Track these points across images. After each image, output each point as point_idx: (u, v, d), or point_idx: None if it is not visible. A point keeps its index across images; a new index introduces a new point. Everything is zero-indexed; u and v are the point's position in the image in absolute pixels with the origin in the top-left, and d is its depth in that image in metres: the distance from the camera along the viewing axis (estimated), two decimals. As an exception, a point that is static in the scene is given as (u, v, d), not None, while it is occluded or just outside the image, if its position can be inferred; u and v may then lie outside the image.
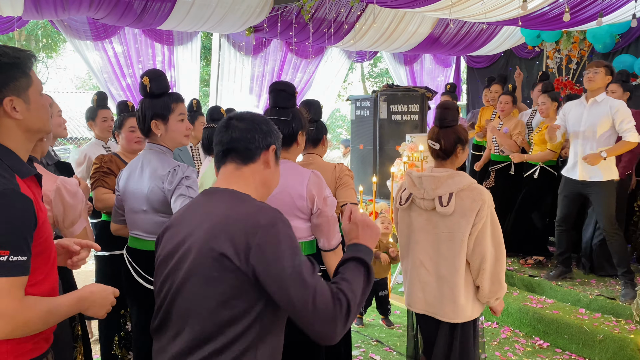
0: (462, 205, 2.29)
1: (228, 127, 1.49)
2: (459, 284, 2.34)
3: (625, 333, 3.70)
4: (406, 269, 2.54)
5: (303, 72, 7.64)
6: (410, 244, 2.51)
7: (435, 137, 2.43)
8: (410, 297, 2.50)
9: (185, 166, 2.23)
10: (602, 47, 6.75)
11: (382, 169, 6.48)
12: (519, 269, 4.90)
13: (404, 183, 2.54)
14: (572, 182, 4.20)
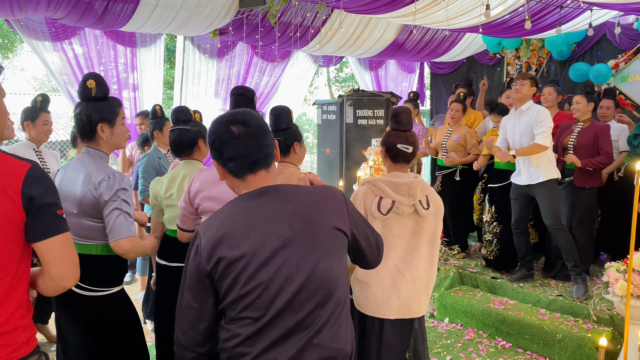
0: (437, 205, 2.52)
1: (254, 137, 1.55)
2: (433, 278, 2.58)
3: (583, 332, 3.82)
4: (379, 279, 2.48)
5: (269, 76, 7.60)
6: (384, 252, 2.49)
7: (406, 141, 2.49)
8: (384, 306, 2.47)
9: (120, 176, 2.19)
10: (559, 55, 6.97)
11: (349, 173, 6.51)
12: (481, 271, 4.99)
13: (375, 192, 2.47)
14: (519, 187, 4.45)
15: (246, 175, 1.55)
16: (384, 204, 2.43)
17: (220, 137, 1.53)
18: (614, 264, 3.50)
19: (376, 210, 2.43)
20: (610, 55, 6.53)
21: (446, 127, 5.45)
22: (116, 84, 6.15)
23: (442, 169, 5.43)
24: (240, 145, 1.51)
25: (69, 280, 1.52)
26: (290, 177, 2.63)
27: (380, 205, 2.43)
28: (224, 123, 1.54)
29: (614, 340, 3.74)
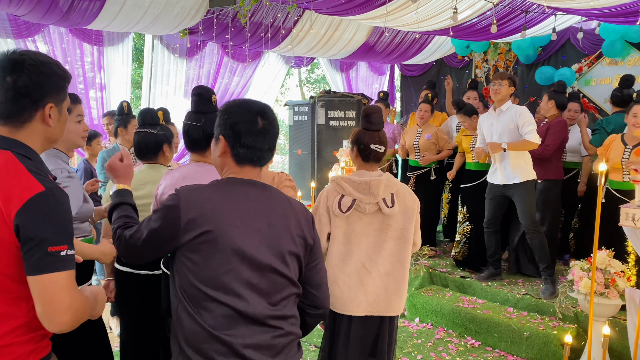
0: (405, 204, 2.53)
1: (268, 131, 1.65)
2: (405, 278, 2.58)
3: (549, 329, 3.91)
4: (345, 276, 2.51)
5: (240, 76, 7.54)
6: (349, 250, 2.51)
7: (379, 141, 2.54)
8: (352, 303, 2.49)
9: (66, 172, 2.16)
10: (525, 59, 7.13)
11: (320, 174, 6.51)
12: (451, 270, 5.06)
13: (338, 190, 2.50)
14: (495, 187, 4.47)
15: (246, 165, 1.64)
16: (344, 202, 2.47)
17: (245, 124, 1.60)
18: (578, 262, 3.60)
19: (337, 207, 2.47)
20: (574, 60, 6.71)
21: (415, 127, 5.50)
22: (82, 84, 6.00)
23: (415, 169, 5.47)
24: (260, 138, 1.61)
25: (56, 324, 1.33)
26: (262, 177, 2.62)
27: (340, 203, 2.47)
28: (252, 113, 1.62)
29: (579, 337, 3.84)
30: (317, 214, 2.54)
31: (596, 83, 6.50)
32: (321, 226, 2.51)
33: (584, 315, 3.89)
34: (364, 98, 6.87)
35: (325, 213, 2.51)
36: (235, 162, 1.64)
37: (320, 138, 6.70)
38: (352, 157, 2.61)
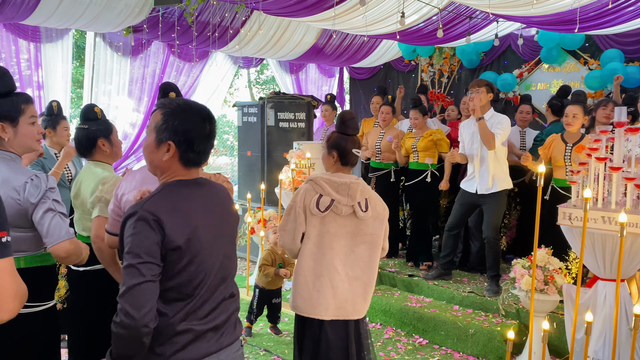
0: (376, 210, 2.56)
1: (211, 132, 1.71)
2: (372, 281, 2.60)
3: (493, 326, 4.03)
4: (315, 277, 2.49)
5: (187, 76, 7.39)
6: (322, 251, 2.50)
7: (358, 145, 2.59)
8: (320, 305, 2.48)
9: (44, 176, 1.98)
10: (469, 63, 7.36)
11: (270, 176, 6.46)
12: (399, 270, 5.14)
13: (316, 189, 2.48)
14: (468, 194, 4.47)
15: (193, 168, 1.69)
16: (322, 201, 2.46)
17: (196, 131, 1.64)
18: (519, 260, 3.73)
19: (314, 207, 2.46)
20: (515, 65, 6.99)
21: (378, 129, 5.58)
22: (18, 82, 5.70)
23: (376, 170, 5.54)
24: (208, 143, 1.69)
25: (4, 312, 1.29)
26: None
27: (319, 203, 2.46)
28: (201, 119, 1.66)
29: (520, 332, 3.98)
30: (291, 212, 2.51)
31: (536, 88, 6.79)
32: (296, 225, 2.49)
33: (525, 312, 4.04)
34: (313, 100, 6.88)
35: (301, 212, 2.49)
36: (183, 165, 1.67)
37: (270, 139, 6.65)
38: (330, 161, 2.58)
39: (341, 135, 2.56)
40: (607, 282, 3.14)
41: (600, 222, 2.99)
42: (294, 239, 2.50)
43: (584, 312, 2.91)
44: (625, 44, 5.86)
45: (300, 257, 2.54)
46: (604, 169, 3.14)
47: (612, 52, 5.91)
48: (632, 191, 3.02)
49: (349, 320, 2.55)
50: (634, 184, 2.98)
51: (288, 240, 2.52)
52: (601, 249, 3.08)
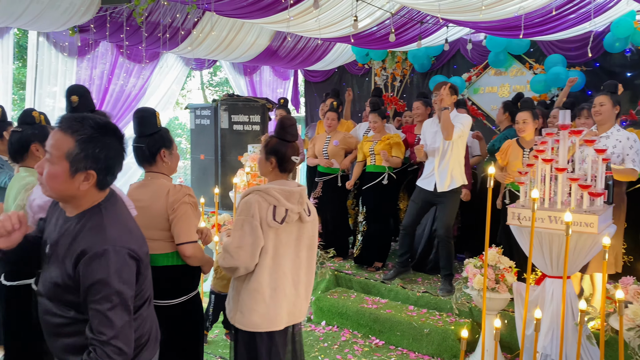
0: (314, 212, 2.57)
1: None
2: (311, 282, 2.60)
3: (447, 325, 4.11)
4: (271, 291, 2.40)
5: (137, 78, 7.19)
6: (277, 263, 2.42)
7: (298, 152, 2.54)
8: (277, 317, 2.42)
9: None
10: (420, 67, 7.50)
11: (225, 180, 6.37)
12: (356, 272, 5.17)
13: (269, 201, 2.36)
14: (425, 192, 4.53)
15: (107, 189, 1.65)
16: (278, 212, 2.37)
17: (117, 157, 1.59)
18: (471, 260, 3.81)
19: (272, 219, 2.35)
20: (464, 69, 7.18)
21: (324, 135, 5.60)
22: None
23: (323, 175, 5.56)
24: (122, 161, 1.63)
25: None
26: (159, 189, 2.42)
27: (275, 214, 2.36)
28: (118, 140, 1.59)
29: (473, 331, 4.07)
30: (245, 227, 2.34)
31: (484, 91, 6.99)
32: (255, 239, 2.33)
33: (477, 310, 4.14)
34: (268, 102, 6.83)
35: (259, 225, 2.34)
36: (99, 190, 1.62)
37: (224, 142, 6.56)
38: (268, 168, 2.49)
39: (281, 141, 2.48)
40: (554, 279, 3.25)
41: (547, 221, 3.10)
42: (253, 254, 2.33)
43: (533, 309, 3.00)
44: (567, 49, 6.12)
45: (258, 273, 2.39)
46: (550, 170, 3.25)
47: (555, 57, 6.15)
48: (577, 191, 3.15)
49: (295, 324, 2.55)
50: (578, 184, 3.10)
51: (246, 257, 2.32)
52: (548, 248, 3.19)
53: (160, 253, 2.43)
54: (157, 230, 2.42)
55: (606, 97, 3.86)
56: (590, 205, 3.12)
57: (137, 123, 2.47)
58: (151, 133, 2.46)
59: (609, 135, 3.85)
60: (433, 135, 4.50)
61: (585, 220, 2.99)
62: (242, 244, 2.32)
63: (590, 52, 5.46)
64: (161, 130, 2.50)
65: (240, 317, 2.41)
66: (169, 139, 2.52)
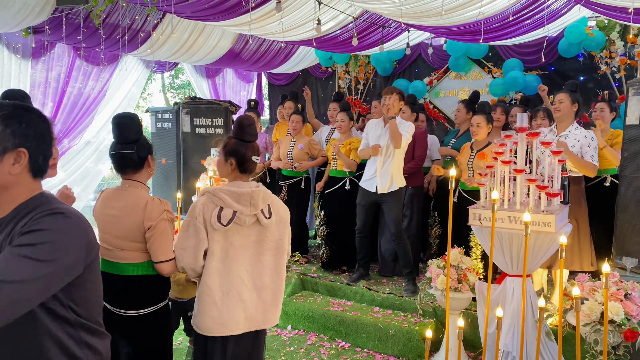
0: (279, 215, 2.51)
1: None
2: (281, 288, 2.55)
3: (411, 326, 4.15)
4: (223, 294, 2.37)
5: (95, 81, 7.00)
6: (228, 265, 2.38)
7: (257, 152, 2.50)
8: (231, 321, 2.38)
9: None
10: (383, 71, 7.58)
11: (187, 184, 6.26)
12: (321, 275, 5.17)
13: (216, 202, 2.34)
14: (369, 193, 4.63)
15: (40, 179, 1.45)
16: (224, 214, 2.32)
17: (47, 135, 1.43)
18: (434, 260, 3.87)
19: (216, 221, 2.31)
20: (426, 73, 7.29)
21: (289, 138, 5.61)
22: None
23: (287, 178, 5.57)
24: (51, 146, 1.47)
25: None
26: (136, 200, 2.41)
27: (220, 216, 2.32)
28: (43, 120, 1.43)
29: (437, 330, 4.13)
30: (189, 228, 2.33)
31: (444, 95, 7.12)
32: (197, 241, 2.31)
33: (441, 310, 4.20)
34: (231, 105, 6.76)
35: (202, 227, 2.32)
36: (32, 177, 1.41)
37: (186, 146, 6.46)
38: (227, 169, 2.45)
39: (239, 141, 2.45)
40: (514, 278, 3.34)
41: (507, 221, 3.18)
42: (196, 256, 2.32)
43: (494, 308, 3.06)
44: (524, 54, 6.30)
45: (205, 276, 2.36)
46: (509, 171, 3.34)
47: (512, 62, 6.32)
48: (535, 192, 3.24)
49: (259, 330, 2.51)
50: (536, 185, 3.19)
51: (189, 259, 2.32)
52: (508, 247, 3.27)
53: (130, 262, 2.41)
54: (129, 241, 2.40)
55: (565, 95, 4.00)
56: (547, 206, 3.21)
57: (124, 128, 2.45)
58: (138, 138, 2.46)
59: (568, 134, 3.98)
60: (376, 138, 4.61)
61: (543, 220, 3.07)
62: (185, 246, 2.33)
63: (546, 56, 5.64)
64: (144, 136, 2.52)
65: (195, 320, 2.42)
66: (151, 144, 2.54)
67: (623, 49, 5.66)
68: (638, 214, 3.61)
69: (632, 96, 3.67)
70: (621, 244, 3.71)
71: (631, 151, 3.69)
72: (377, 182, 4.56)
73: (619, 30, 5.64)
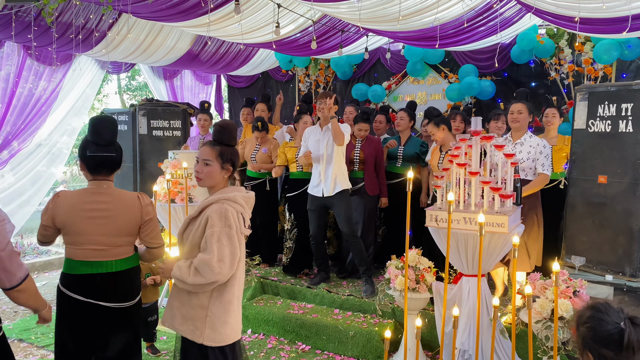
0: None
1: None
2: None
3: (371, 327, 4.19)
4: (237, 299, 2.40)
5: (47, 81, 6.77)
6: (241, 270, 2.40)
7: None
8: (239, 325, 2.43)
9: None
10: (343, 75, 7.64)
11: (144, 188, 6.13)
12: (282, 278, 5.15)
13: (237, 209, 2.32)
14: (316, 198, 4.74)
15: None
16: (245, 219, 2.37)
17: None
18: (393, 262, 3.93)
19: (243, 226, 2.32)
20: (384, 78, 7.39)
21: (254, 141, 5.60)
22: None
23: (251, 179, 5.57)
24: None
25: None
26: (124, 198, 2.56)
27: (245, 221, 2.35)
28: None
29: (396, 331, 4.19)
30: (222, 238, 2.22)
31: (403, 99, 7.23)
32: (235, 249, 2.25)
33: (400, 310, 4.26)
34: (189, 107, 6.67)
35: (235, 235, 2.26)
36: None
37: (143, 149, 6.33)
38: (223, 176, 2.41)
39: (230, 147, 2.45)
40: (470, 277, 3.42)
41: (462, 222, 3.25)
42: (232, 265, 2.25)
43: (451, 307, 3.13)
44: (479, 60, 6.48)
45: (230, 283, 2.31)
46: (464, 173, 3.42)
47: (468, 67, 6.49)
48: (489, 193, 3.33)
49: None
50: (490, 187, 3.28)
51: (228, 269, 2.22)
52: (464, 248, 3.35)
53: (124, 258, 2.56)
54: (124, 237, 2.54)
55: (524, 106, 4.15)
56: (501, 207, 3.31)
57: (107, 131, 2.55)
58: (115, 141, 2.59)
59: (523, 142, 4.12)
60: (316, 143, 4.72)
61: (497, 221, 3.17)
62: (222, 256, 2.21)
63: (499, 62, 5.81)
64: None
65: (211, 333, 2.29)
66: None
67: (571, 56, 5.90)
68: (586, 214, 3.77)
69: (579, 101, 3.84)
70: (570, 244, 3.87)
71: (579, 154, 3.85)
72: (323, 187, 4.68)
73: (567, 38, 5.88)
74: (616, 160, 3.59)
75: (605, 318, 1.47)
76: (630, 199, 3.51)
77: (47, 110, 6.74)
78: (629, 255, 3.52)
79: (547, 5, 4.04)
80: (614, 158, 3.60)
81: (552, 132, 4.96)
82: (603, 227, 3.65)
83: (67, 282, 2.51)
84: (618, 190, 3.57)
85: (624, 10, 3.76)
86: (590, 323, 1.50)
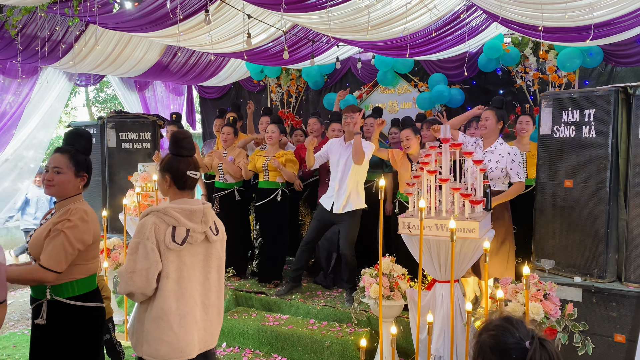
0: (222, 231, 2.51)
1: None
2: (222, 304, 2.50)
3: (347, 336, 4.18)
4: (180, 318, 2.26)
5: (14, 94, 6.62)
6: (182, 287, 2.28)
7: (195, 167, 2.42)
8: (188, 345, 2.28)
9: None
10: (315, 85, 7.67)
11: (113, 201, 6.02)
12: (256, 290, 5.10)
13: (167, 221, 2.24)
14: (325, 211, 4.67)
15: None
16: (178, 233, 2.24)
17: None
18: (367, 269, 3.93)
19: (171, 241, 2.22)
20: (355, 87, 7.45)
21: (221, 150, 5.55)
22: None
23: (220, 190, 5.50)
24: None
25: None
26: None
27: (175, 235, 2.23)
28: None
29: (372, 339, 4.18)
30: (139, 250, 2.20)
31: (374, 108, 7.28)
32: (151, 263, 2.18)
33: (375, 318, 4.26)
34: (159, 119, 6.59)
35: (155, 248, 2.20)
36: None
37: (112, 162, 6.22)
38: (164, 186, 2.38)
39: (174, 156, 2.37)
40: (443, 283, 3.44)
41: (434, 229, 3.28)
42: (149, 279, 2.19)
43: (425, 314, 3.14)
44: (447, 68, 6.59)
45: (160, 299, 2.23)
46: (434, 180, 3.46)
47: (437, 76, 6.59)
48: (459, 200, 3.37)
49: (208, 351, 2.43)
50: (460, 193, 3.32)
51: (141, 282, 2.18)
52: (436, 254, 3.38)
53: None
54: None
55: (491, 113, 4.21)
56: (471, 213, 3.35)
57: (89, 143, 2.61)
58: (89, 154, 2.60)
59: (493, 150, 4.18)
60: (338, 156, 4.67)
61: (468, 227, 3.20)
62: (136, 269, 2.18)
63: (467, 71, 5.92)
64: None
65: (148, 349, 2.25)
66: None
67: (536, 64, 6.05)
68: (554, 218, 3.85)
69: (544, 108, 3.93)
70: (540, 247, 3.94)
71: (545, 159, 3.93)
72: (334, 201, 4.61)
73: (532, 47, 6.03)
74: (581, 165, 3.67)
75: (513, 332, 1.38)
76: (596, 202, 3.59)
77: (16, 125, 6.59)
78: (595, 257, 3.59)
79: (512, 15, 4.13)
80: (579, 162, 3.69)
81: (525, 139, 5.06)
82: (570, 230, 3.73)
83: (92, 296, 2.48)
84: (584, 194, 3.66)
85: (585, 19, 3.87)
86: (495, 331, 1.41)
